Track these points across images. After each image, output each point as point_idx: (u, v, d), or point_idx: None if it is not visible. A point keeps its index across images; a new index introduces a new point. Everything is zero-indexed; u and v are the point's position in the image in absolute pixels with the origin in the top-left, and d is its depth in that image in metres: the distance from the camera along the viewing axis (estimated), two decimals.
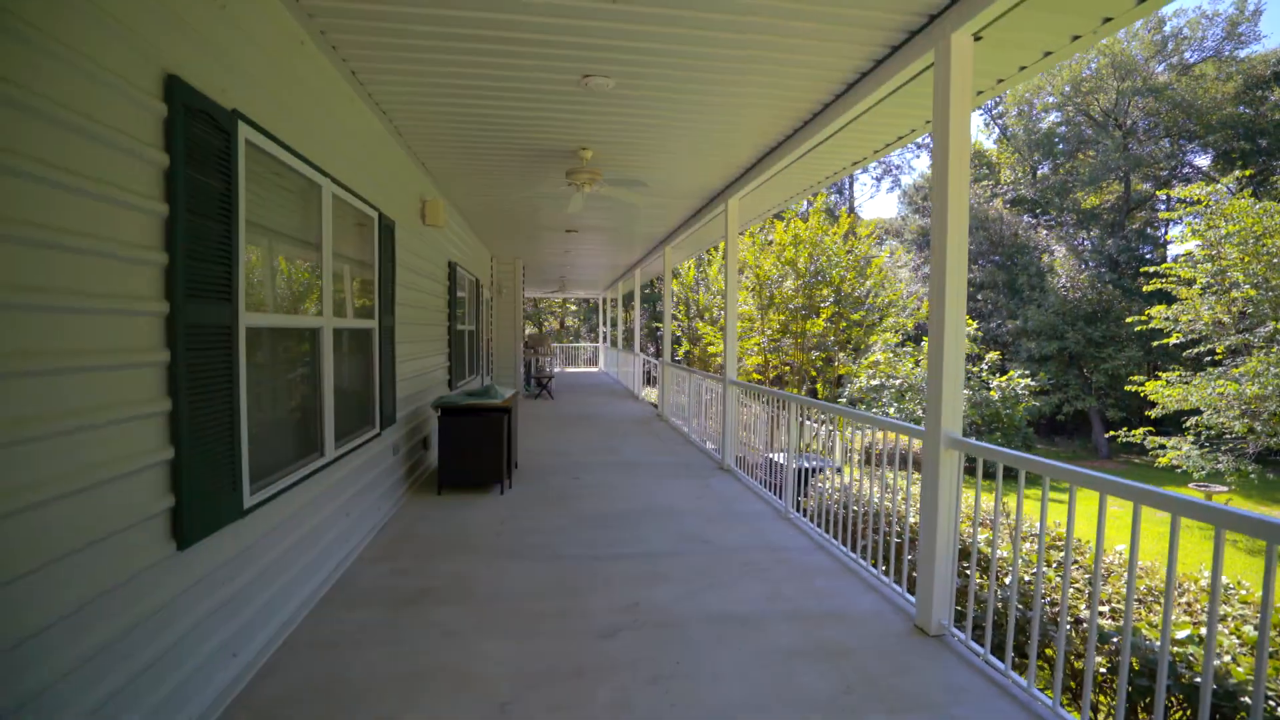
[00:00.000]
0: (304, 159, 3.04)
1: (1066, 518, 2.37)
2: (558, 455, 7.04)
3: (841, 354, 10.40)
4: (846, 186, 39.19)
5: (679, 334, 12.61)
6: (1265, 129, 26.07)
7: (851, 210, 39.33)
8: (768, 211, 7.26)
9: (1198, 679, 2.65)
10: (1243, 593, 3.08)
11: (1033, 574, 3.38)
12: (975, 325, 19.33)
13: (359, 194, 3.92)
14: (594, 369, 23.68)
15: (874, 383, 18.81)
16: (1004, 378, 19.24)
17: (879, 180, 41.66)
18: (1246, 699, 2.87)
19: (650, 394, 12.97)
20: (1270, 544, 1.64)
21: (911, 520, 3.78)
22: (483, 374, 10.55)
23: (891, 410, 18.25)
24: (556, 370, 22.70)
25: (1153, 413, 14.01)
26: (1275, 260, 12.33)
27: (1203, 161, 30.92)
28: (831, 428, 6.43)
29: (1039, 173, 34.30)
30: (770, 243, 9.34)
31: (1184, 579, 3.31)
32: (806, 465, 6.52)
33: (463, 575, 3.57)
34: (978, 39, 2.85)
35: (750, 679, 2.53)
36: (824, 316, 9.08)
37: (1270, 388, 11.64)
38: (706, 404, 7.14)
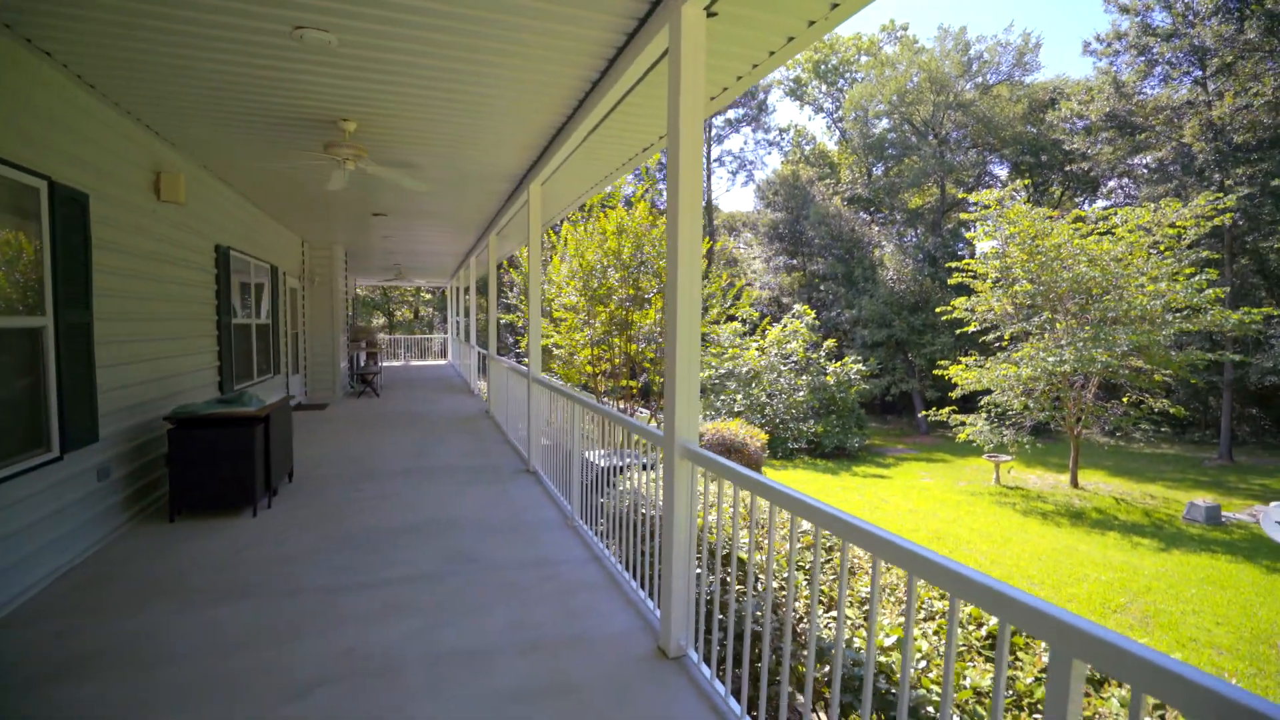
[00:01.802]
0: None
1: (768, 539, 2.23)
2: (353, 463, 6.32)
3: None
4: (704, 179, 40.41)
5: (522, 326, 12.10)
6: (1045, 146, 30.24)
7: (709, 203, 40.64)
8: (576, 200, 6.97)
9: (909, 691, 2.67)
10: None
11: (784, 584, 3.34)
12: (814, 315, 20.62)
13: None
14: (443, 361, 22.48)
15: (722, 371, 19.50)
16: (839, 364, 20.76)
17: (734, 174, 43.43)
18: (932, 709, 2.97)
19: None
20: (875, 558, 1.57)
21: None
22: (286, 373, 9.39)
23: (739, 397, 19.01)
24: (404, 364, 21.26)
25: (954, 393, 15.66)
26: (1044, 259, 14.17)
27: (1001, 171, 35.36)
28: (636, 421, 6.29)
29: (874, 174, 37.41)
30: (598, 232, 9.11)
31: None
32: (617, 463, 6.36)
33: (150, 630, 2.91)
34: (712, 14, 2.66)
35: None
36: (656, 307, 9.00)
37: (1039, 370, 13.39)
38: (520, 400, 6.75)
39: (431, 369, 19.23)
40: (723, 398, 19.11)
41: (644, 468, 5.56)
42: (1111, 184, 31.48)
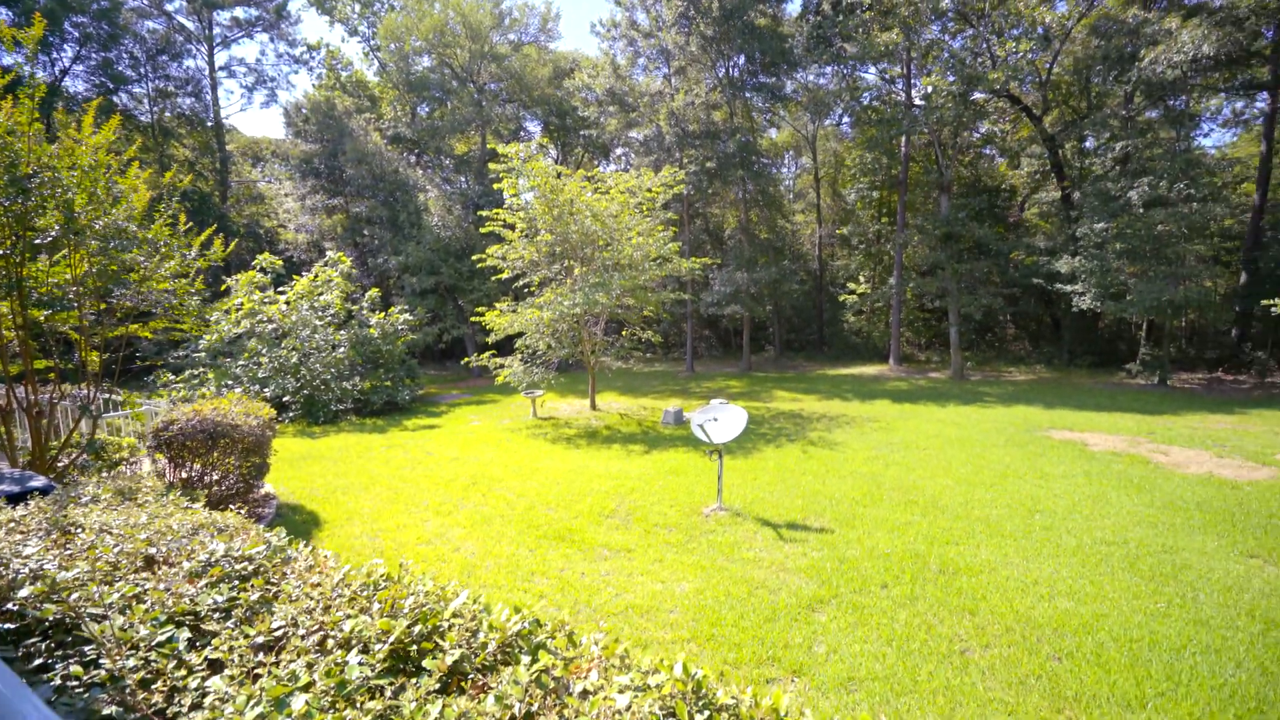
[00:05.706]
0: None
1: None
2: None
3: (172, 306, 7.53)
4: (207, 91, 32.27)
5: None
6: (567, 110, 34.07)
7: (217, 123, 32.86)
8: None
9: None
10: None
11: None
12: (350, 263, 18.78)
13: None
14: None
15: (239, 330, 16.19)
16: (383, 314, 19.61)
17: (251, 90, 35.98)
18: None
19: None
20: None
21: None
22: None
23: (263, 360, 16.13)
24: None
25: (490, 338, 16.50)
26: (560, 212, 15.84)
27: (535, 128, 38.56)
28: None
29: (418, 114, 36.08)
30: None
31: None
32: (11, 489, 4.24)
33: None
34: None
35: None
36: (72, 259, 6.36)
37: (559, 312, 15.13)
38: None
39: None
40: (242, 362, 15.91)
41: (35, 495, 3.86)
42: (619, 151, 37.79)
